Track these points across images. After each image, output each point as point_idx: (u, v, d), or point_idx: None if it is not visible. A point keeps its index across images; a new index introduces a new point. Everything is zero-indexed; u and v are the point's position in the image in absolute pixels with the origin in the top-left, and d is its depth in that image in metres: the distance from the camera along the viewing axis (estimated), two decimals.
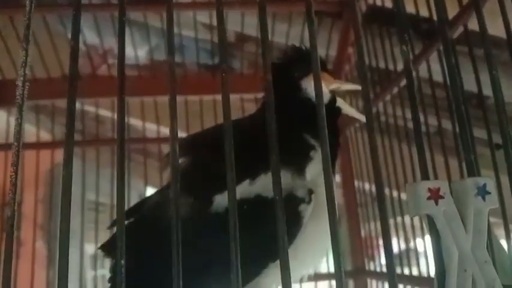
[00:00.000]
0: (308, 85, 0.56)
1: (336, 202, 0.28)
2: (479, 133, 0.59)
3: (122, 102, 0.31)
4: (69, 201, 0.27)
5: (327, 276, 0.96)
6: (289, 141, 0.51)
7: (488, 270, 0.30)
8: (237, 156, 0.29)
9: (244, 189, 0.48)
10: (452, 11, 0.60)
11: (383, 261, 0.92)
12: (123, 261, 0.30)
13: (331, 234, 0.27)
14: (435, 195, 0.30)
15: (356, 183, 0.99)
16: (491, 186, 0.31)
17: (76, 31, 0.33)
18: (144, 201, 0.62)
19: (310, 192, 0.49)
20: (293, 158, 0.51)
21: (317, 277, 0.95)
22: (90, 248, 1.12)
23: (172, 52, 0.30)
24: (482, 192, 0.31)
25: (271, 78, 0.31)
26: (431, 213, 0.30)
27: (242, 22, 0.97)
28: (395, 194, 0.83)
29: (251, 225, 0.27)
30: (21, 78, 0.30)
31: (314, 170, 0.52)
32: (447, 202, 0.30)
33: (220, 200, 0.47)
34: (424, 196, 0.30)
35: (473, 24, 0.57)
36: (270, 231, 0.29)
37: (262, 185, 0.48)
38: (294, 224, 0.48)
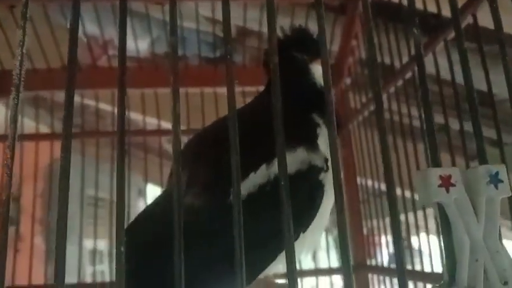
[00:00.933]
0: (316, 70, 0.56)
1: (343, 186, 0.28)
2: (485, 131, 0.58)
3: (122, 93, 0.30)
4: (68, 181, 0.26)
5: (328, 272, 0.95)
6: (299, 120, 0.52)
7: (500, 259, 0.29)
8: (249, 144, 0.29)
9: (263, 173, 0.48)
10: (460, 2, 0.59)
11: (385, 257, 0.91)
12: (122, 248, 0.29)
13: (337, 219, 0.26)
14: (446, 183, 0.29)
15: (358, 179, 0.98)
16: (503, 175, 0.30)
17: (76, 15, 0.32)
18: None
19: (326, 160, 0.51)
20: (305, 134, 0.52)
21: (317, 272, 0.94)
22: (89, 244, 1.11)
23: (175, 32, 0.29)
24: (495, 180, 0.30)
25: (277, 60, 0.30)
26: (442, 201, 0.29)
27: (244, 16, 0.96)
28: (398, 191, 0.82)
29: (277, 203, 0.27)
30: (19, 58, 0.29)
31: (322, 145, 0.52)
32: (459, 190, 0.29)
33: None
34: (435, 184, 0.29)
35: (480, 19, 0.56)
36: (296, 204, 0.29)
37: None
38: (318, 192, 0.50)
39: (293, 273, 0.25)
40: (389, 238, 0.84)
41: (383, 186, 0.84)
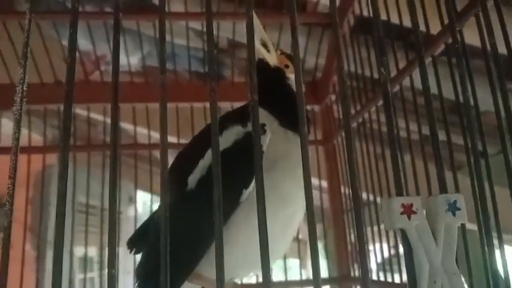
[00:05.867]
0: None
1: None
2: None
3: (115, 105, 0.33)
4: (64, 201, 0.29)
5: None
6: (239, 111, 0.66)
7: (457, 281, 0.32)
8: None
9: (209, 157, 0.59)
10: (436, 27, 0.62)
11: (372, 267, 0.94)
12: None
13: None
14: (408, 211, 0.32)
15: (343, 190, 1.00)
16: (461, 203, 0.33)
17: (73, 42, 0.35)
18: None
19: (262, 125, 0.59)
20: (240, 116, 0.62)
21: (304, 283, 0.97)
22: (79, 251, 1.12)
23: (164, 70, 0.32)
24: (453, 208, 0.33)
25: (257, 98, 0.33)
26: (404, 227, 0.32)
27: (233, 29, 0.99)
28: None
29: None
30: (19, 95, 0.32)
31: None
32: (419, 217, 0.32)
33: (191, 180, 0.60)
34: (397, 211, 0.32)
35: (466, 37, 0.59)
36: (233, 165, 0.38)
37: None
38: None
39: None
40: (378, 247, 0.87)
41: (370, 197, 0.87)
